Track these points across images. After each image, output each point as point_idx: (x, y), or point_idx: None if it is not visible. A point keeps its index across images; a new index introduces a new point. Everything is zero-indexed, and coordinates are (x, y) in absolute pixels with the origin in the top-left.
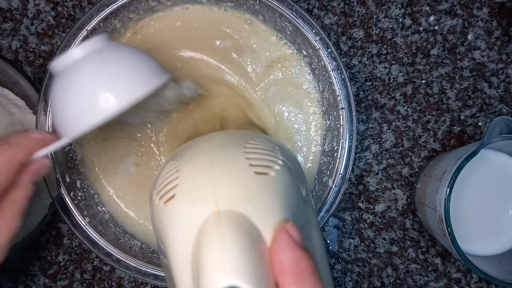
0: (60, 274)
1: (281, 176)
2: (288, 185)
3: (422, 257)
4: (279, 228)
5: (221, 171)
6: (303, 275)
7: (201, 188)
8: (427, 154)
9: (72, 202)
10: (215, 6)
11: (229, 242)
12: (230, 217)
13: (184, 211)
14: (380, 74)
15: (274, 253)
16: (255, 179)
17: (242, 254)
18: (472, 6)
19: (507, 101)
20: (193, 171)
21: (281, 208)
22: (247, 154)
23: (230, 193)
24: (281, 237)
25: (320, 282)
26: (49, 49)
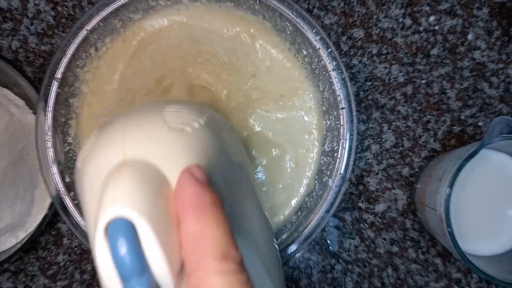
0: (60, 274)
1: (199, 134)
2: (208, 143)
3: (423, 257)
4: (183, 170)
5: (133, 127)
6: (203, 206)
7: (111, 142)
8: (427, 154)
9: (72, 202)
10: (215, 5)
11: (126, 178)
12: (134, 164)
13: (95, 165)
14: (380, 74)
15: (176, 191)
16: (168, 132)
17: (137, 188)
18: (472, 6)
19: (507, 101)
20: (107, 131)
21: (192, 159)
22: (164, 113)
23: (138, 144)
24: (184, 176)
25: (221, 214)
26: (49, 49)
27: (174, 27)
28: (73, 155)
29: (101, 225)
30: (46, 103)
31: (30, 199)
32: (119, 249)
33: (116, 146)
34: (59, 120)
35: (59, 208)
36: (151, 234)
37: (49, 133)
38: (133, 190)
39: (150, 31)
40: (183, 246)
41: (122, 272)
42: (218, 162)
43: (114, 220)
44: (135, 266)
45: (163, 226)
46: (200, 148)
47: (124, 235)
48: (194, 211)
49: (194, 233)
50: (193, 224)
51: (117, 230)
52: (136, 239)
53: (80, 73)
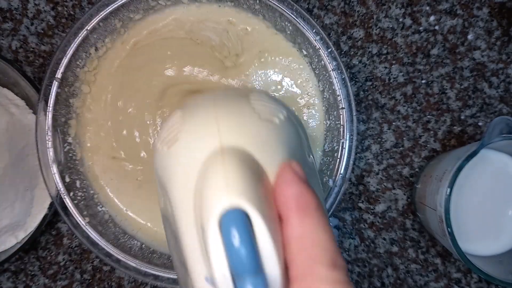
0: (60, 274)
1: (285, 126)
2: (293, 137)
3: (422, 257)
4: (284, 165)
5: (225, 114)
6: (308, 208)
7: (204, 129)
8: (427, 154)
9: (72, 202)
10: (215, 5)
11: (233, 168)
12: (233, 152)
13: (188, 150)
14: (380, 74)
15: (279, 187)
16: (260, 122)
17: (246, 178)
18: (472, 6)
19: (507, 101)
20: (197, 115)
21: (284, 151)
22: (251, 102)
23: (233, 132)
24: (286, 172)
25: (325, 217)
26: (49, 49)
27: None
28: (73, 155)
29: (215, 216)
30: (46, 103)
31: (30, 199)
32: (234, 242)
33: (211, 131)
34: (59, 120)
35: (59, 208)
36: (265, 229)
37: (49, 133)
38: (244, 179)
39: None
40: (288, 248)
41: (237, 267)
42: (301, 159)
43: (228, 211)
44: (251, 263)
45: (272, 219)
46: (287, 141)
47: (240, 227)
48: (298, 212)
49: (299, 236)
50: (298, 226)
51: (232, 221)
52: (252, 232)
53: (80, 73)
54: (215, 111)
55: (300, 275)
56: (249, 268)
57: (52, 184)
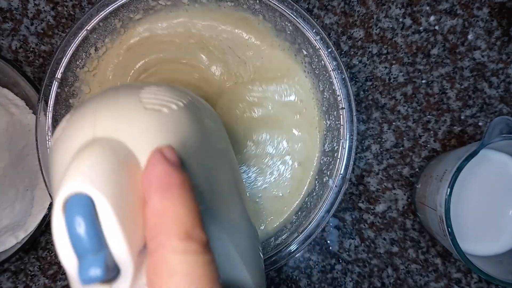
0: (60, 274)
1: (177, 115)
2: (186, 126)
3: (423, 257)
4: (154, 150)
5: (106, 105)
6: (170, 185)
7: (82, 121)
8: (427, 154)
9: None
10: (215, 5)
11: (90, 156)
12: (102, 142)
13: (65, 143)
14: (381, 74)
15: (145, 170)
16: (142, 112)
17: (100, 166)
18: (472, 6)
19: (507, 101)
20: (80, 109)
21: (166, 140)
22: (141, 94)
23: (109, 122)
24: (153, 156)
25: (189, 194)
26: (49, 49)
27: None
28: None
29: (59, 200)
30: (46, 103)
31: (30, 199)
32: (76, 224)
33: (87, 124)
34: (59, 120)
35: None
36: (110, 211)
37: (49, 133)
38: (96, 167)
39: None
40: (146, 224)
41: (78, 248)
42: (196, 146)
43: (73, 196)
44: (91, 243)
45: (125, 205)
46: (176, 130)
47: (81, 211)
48: (160, 190)
49: (158, 211)
50: (158, 202)
51: (74, 205)
52: (95, 216)
53: (80, 73)
54: (97, 104)
55: (154, 247)
56: (88, 247)
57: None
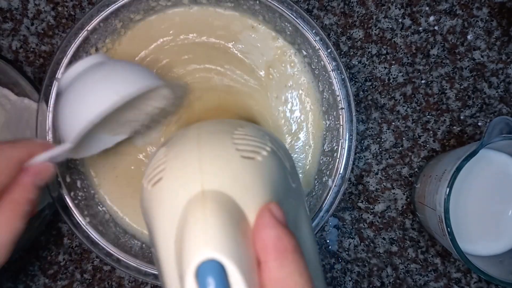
0: (60, 274)
1: (268, 162)
2: (275, 172)
3: (422, 257)
4: (263, 208)
5: (208, 153)
6: (285, 251)
7: (187, 169)
8: (426, 154)
9: (73, 202)
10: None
11: (212, 217)
12: (214, 196)
13: (170, 191)
14: (380, 74)
15: (257, 231)
16: (241, 162)
17: (224, 229)
18: (472, 6)
19: (507, 101)
20: (180, 154)
21: (265, 191)
22: (234, 139)
23: (215, 174)
24: (264, 215)
25: (302, 260)
26: (49, 49)
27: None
28: None
29: (192, 267)
30: (47, 103)
31: None
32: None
33: (193, 173)
34: None
35: (59, 208)
36: (240, 278)
37: (50, 133)
38: (221, 230)
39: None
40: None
41: None
42: (285, 194)
43: (204, 262)
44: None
45: (248, 267)
46: (271, 179)
47: (215, 278)
48: (276, 255)
49: (279, 280)
50: (276, 270)
51: (208, 272)
52: (227, 283)
53: None
54: (198, 151)
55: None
56: None
57: (52, 184)
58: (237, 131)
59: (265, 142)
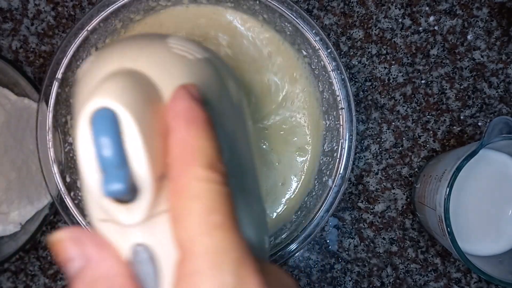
0: (60, 274)
1: (200, 64)
2: (208, 75)
3: (422, 257)
4: (180, 85)
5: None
6: (196, 119)
7: (111, 54)
8: (426, 154)
9: (73, 202)
10: (215, 6)
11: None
12: (129, 71)
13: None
14: (380, 74)
15: (170, 102)
16: (169, 53)
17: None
18: (472, 6)
19: (507, 101)
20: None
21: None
22: (168, 39)
23: (137, 56)
24: (179, 90)
25: (212, 131)
26: (49, 49)
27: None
28: (73, 155)
29: (86, 113)
30: (47, 103)
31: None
32: (102, 138)
33: (115, 56)
34: (60, 120)
35: (60, 208)
36: (135, 129)
37: (50, 133)
38: (123, 87)
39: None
40: (170, 152)
41: (103, 161)
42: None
43: (99, 111)
44: (116, 157)
45: (149, 127)
46: (199, 76)
47: (108, 125)
48: (186, 121)
49: (183, 140)
50: (184, 131)
51: (101, 120)
52: (120, 132)
53: None
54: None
55: (176, 174)
56: (113, 160)
57: (52, 184)
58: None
59: (202, 51)
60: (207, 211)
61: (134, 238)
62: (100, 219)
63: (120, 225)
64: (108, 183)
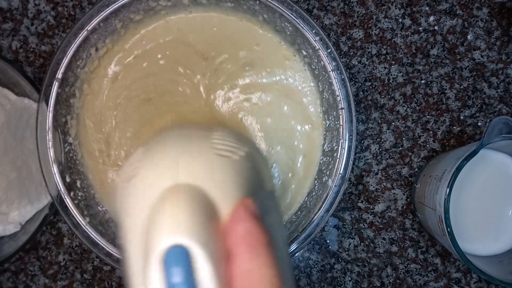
0: (60, 274)
1: (244, 162)
2: (251, 172)
3: (422, 257)
4: (239, 203)
5: (184, 151)
6: (258, 244)
7: (161, 165)
8: (426, 154)
9: (72, 202)
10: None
11: (182, 205)
12: (187, 189)
13: (144, 185)
14: (380, 74)
15: (231, 223)
16: (217, 159)
17: (194, 216)
18: (472, 6)
19: (507, 101)
20: (156, 152)
21: (239, 187)
22: (211, 140)
23: (190, 169)
24: (239, 209)
25: (273, 255)
26: (49, 49)
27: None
28: (73, 155)
29: (158, 251)
30: (47, 103)
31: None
32: (175, 277)
33: (168, 168)
34: (60, 120)
35: (60, 208)
36: (207, 265)
37: (50, 133)
38: (191, 217)
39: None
40: (235, 283)
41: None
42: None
43: (171, 248)
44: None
45: (216, 256)
46: (246, 177)
47: (181, 264)
48: (248, 248)
49: (248, 271)
50: (247, 262)
51: (174, 258)
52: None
53: (80, 73)
54: (174, 148)
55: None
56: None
57: (52, 184)
58: (215, 134)
59: (242, 145)
60: None
61: None
62: None
63: None
64: None
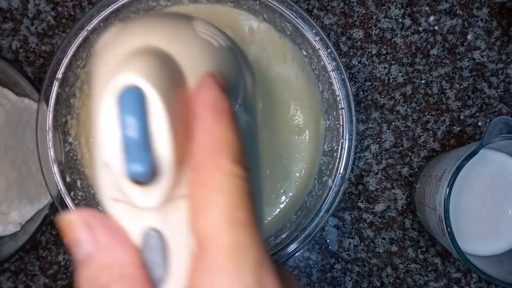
0: (60, 274)
1: (224, 52)
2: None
3: (422, 257)
4: (208, 73)
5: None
6: (223, 110)
7: (136, 29)
8: (426, 154)
9: (72, 202)
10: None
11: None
12: (158, 51)
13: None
14: (380, 74)
15: (199, 89)
16: (196, 37)
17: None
18: (472, 6)
19: (507, 101)
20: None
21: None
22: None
23: (164, 37)
24: (207, 78)
25: (236, 125)
26: (49, 49)
27: None
28: (73, 155)
29: (114, 88)
30: (47, 103)
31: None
32: (129, 117)
33: (141, 33)
34: (60, 120)
35: (60, 208)
36: (162, 111)
37: (50, 133)
38: (154, 66)
39: None
40: (196, 140)
41: (127, 140)
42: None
43: (128, 88)
44: (141, 137)
45: (174, 111)
46: (224, 65)
47: (135, 104)
48: (214, 111)
49: (211, 129)
50: (213, 122)
51: (130, 97)
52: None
53: (81, 73)
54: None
55: (202, 164)
56: (139, 141)
57: (52, 184)
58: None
59: (225, 38)
60: (231, 206)
61: (147, 223)
62: (113, 198)
63: (135, 207)
64: (130, 164)
